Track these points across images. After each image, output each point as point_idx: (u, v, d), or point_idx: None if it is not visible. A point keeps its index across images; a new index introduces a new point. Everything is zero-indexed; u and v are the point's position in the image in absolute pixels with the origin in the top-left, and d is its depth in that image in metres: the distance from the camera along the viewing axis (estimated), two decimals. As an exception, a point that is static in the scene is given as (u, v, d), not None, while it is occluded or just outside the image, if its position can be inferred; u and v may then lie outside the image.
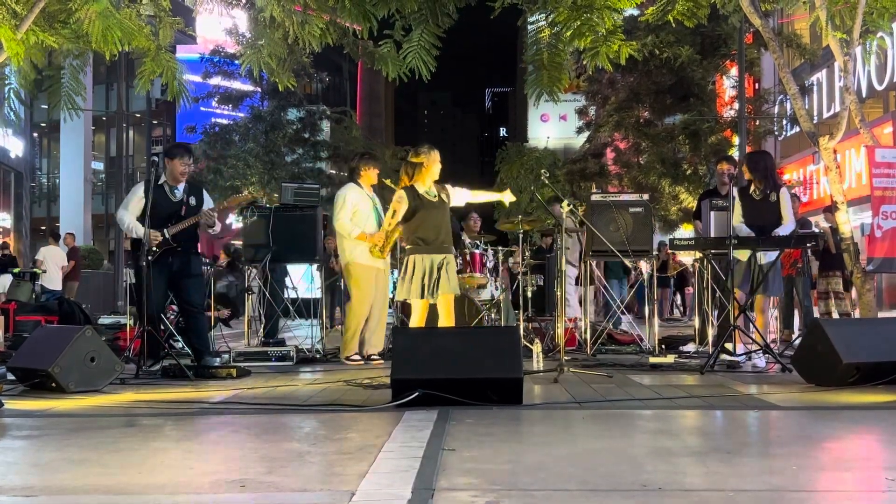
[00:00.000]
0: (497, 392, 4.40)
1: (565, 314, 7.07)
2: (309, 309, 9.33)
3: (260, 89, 27.12)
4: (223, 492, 2.63)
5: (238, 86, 27.95)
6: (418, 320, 6.22)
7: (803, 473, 2.90)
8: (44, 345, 5.43)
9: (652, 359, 6.72)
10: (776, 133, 22.17)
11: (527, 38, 9.53)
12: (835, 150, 8.01)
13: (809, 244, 6.73)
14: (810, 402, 4.65)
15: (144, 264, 6.15)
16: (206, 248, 17.50)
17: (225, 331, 9.29)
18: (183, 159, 6.61)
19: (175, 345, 7.45)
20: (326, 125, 29.06)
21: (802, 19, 16.30)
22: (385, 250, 6.93)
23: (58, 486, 2.76)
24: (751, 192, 6.75)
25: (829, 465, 3.14)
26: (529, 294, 7.92)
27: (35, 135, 35.38)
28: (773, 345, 6.60)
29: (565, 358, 6.01)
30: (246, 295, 8.20)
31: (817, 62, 20.04)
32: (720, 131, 20.85)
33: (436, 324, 6.31)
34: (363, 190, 7.24)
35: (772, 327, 7.09)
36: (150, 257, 6.21)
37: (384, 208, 7.16)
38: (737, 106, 19.21)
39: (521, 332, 6.18)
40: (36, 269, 14.17)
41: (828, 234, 9.59)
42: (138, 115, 31.10)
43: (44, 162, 38.70)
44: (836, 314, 9.84)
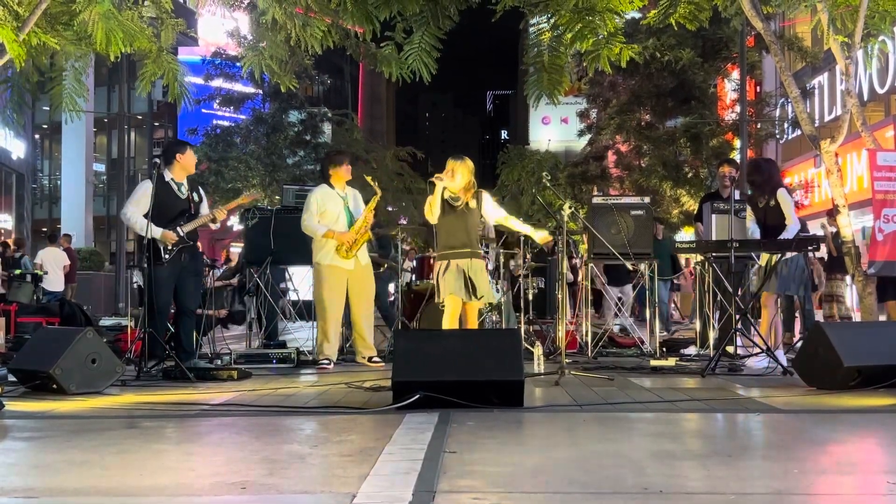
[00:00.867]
0: (498, 394, 4.40)
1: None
2: (310, 311, 9.32)
3: (261, 91, 27.15)
4: (224, 493, 2.63)
5: (239, 88, 27.99)
6: (450, 321, 6.07)
7: (804, 477, 2.90)
8: (45, 346, 5.43)
9: (653, 362, 6.72)
10: (777, 136, 22.17)
11: (528, 40, 9.54)
12: (836, 154, 8.00)
13: (811, 247, 6.71)
14: (811, 405, 4.65)
15: (162, 263, 6.24)
16: (207, 251, 17.50)
17: (225, 332, 9.28)
18: (191, 151, 6.78)
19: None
20: (328, 127, 29.03)
21: (804, 22, 16.30)
22: (351, 252, 6.90)
23: (59, 488, 2.76)
24: (756, 200, 6.78)
25: (830, 468, 3.14)
26: (531, 296, 7.92)
27: (37, 136, 35.44)
28: (777, 349, 6.58)
29: (566, 360, 6.01)
30: (247, 298, 8.20)
31: (819, 65, 20.04)
32: (721, 134, 20.85)
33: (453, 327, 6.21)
34: (333, 190, 7.13)
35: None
36: (167, 255, 6.25)
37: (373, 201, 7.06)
38: (738, 109, 19.22)
39: (522, 334, 6.16)
40: (37, 272, 14.14)
41: (828, 237, 9.59)
42: (140, 117, 31.15)
43: (45, 164, 38.76)
44: (838, 318, 9.84)
